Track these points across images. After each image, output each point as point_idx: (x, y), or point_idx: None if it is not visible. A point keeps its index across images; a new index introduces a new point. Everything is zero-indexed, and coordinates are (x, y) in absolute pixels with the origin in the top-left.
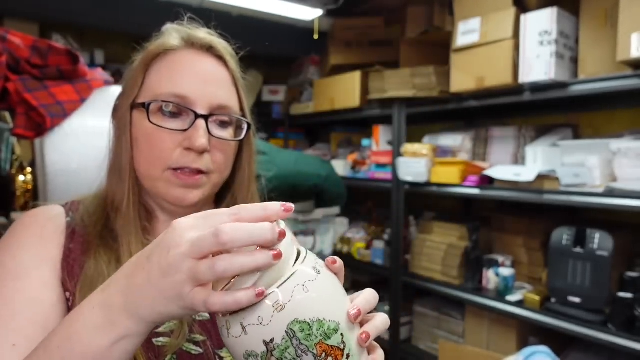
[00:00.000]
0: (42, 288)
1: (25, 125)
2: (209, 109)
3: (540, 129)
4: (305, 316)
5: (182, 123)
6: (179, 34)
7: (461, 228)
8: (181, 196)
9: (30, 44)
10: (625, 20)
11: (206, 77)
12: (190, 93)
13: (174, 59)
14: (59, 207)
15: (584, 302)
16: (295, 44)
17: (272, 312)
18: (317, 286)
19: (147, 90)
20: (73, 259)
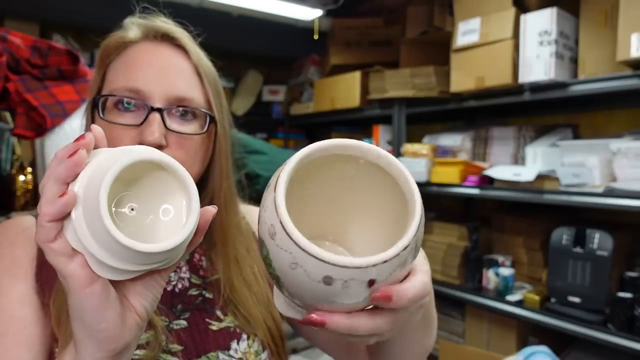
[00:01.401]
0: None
1: (25, 125)
2: (165, 102)
3: (540, 129)
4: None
5: (137, 118)
6: (137, 26)
7: (461, 228)
8: None
9: (30, 44)
10: (625, 21)
11: (163, 68)
12: (145, 86)
13: (131, 52)
14: (29, 219)
15: (583, 302)
16: (295, 44)
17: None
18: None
19: (105, 87)
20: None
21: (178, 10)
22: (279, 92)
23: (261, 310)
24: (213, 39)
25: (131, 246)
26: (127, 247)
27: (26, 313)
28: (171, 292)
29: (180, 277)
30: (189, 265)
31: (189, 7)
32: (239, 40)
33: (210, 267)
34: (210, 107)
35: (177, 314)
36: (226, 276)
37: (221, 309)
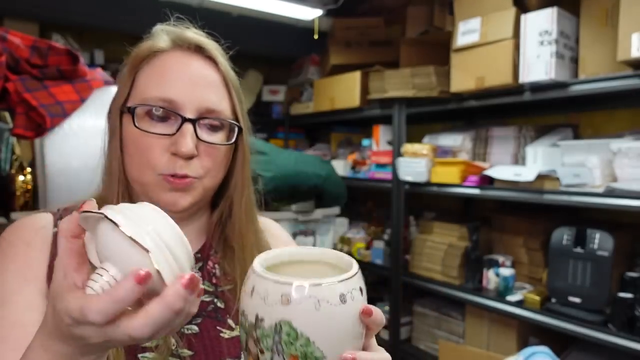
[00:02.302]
0: (25, 311)
1: (25, 125)
2: (197, 113)
3: (541, 129)
4: (300, 327)
5: (169, 127)
6: (168, 35)
7: (461, 228)
8: (172, 200)
9: (30, 44)
10: (626, 20)
11: (195, 79)
12: (178, 97)
13: (163, 61)
14: (48, 216)
15: (584, 302)
16: (295, 44)
17: (278, 299)
18: (330, 312)
19: (136, 94)
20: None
21: (178, 10)
22: (279, 92)
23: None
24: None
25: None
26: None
27: (31, 318)
28: None
29: None
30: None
31: (189, 7)
32: (239, 40)
33: (222, 276)
34: (236, 117)
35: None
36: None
37: (233, 318)
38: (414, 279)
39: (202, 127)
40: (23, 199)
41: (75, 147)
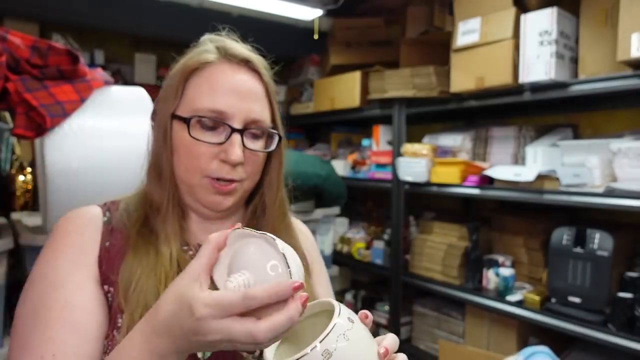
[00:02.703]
0: (77, 294)
1: (25, 125)
2: (243, 123)
3: (541, 129)
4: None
5: (219, 136)
6: (217, 47)
7: (461, 228)
8: (217, 202)
9: (30, 44)
10: (626, 20)
11: (242, 91)
12: (227, 108)
13: (212, 73)
14: (96, 209)
15: (584, 302)
16: (295, 44)
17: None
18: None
19: (186, 102)
20: (114, 253)
21: (178, 10)
22: (278, 92)
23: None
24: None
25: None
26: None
27: (82, 302)
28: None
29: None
30: None
31: (189, 7)
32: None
33: None
34: (275, 125)
35: None
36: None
37: None
38: (414, 278)
39: (247, 136)
40: (23, 199)
41: (76, 147)
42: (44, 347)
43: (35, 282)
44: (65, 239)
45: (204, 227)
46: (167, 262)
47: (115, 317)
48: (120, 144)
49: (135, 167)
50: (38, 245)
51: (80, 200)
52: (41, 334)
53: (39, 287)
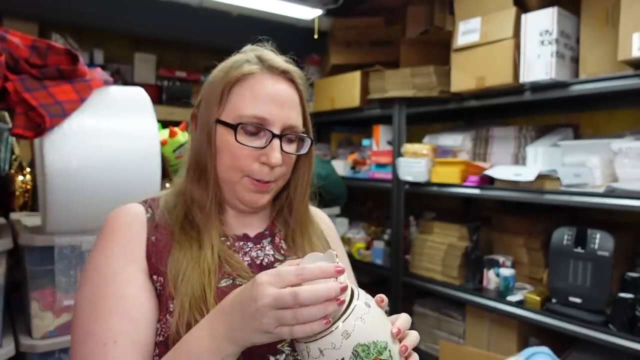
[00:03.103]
0: (128, 287)
1: (24, 125)
2: (281, 129)
3: (541, 129)
4: (365, 340)
5: (260, 141)
6: (259, 60)
7: (461, 228)
8: (255, 200)
9: (29, 44)
10: (627, 20)
11: (281, 100)
12: (269, 115)
13: (254, 83)
14: (139, 206)
15: (584, 302)
16: (295, 44)
17: (342, 340)
18: (370, 317)
19: (230, 108)
20: (161, 247)
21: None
22: None
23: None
24: (213, 39)
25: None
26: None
27: (133, 294)
28: (259, 265)
29: (266, 254)
30: (272, 245)
31: (189, 6)
32: (239, 39)
33: (287, 248)
34: (307, 129)
35: None
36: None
37: None
38: (414, 279)
39: (284, 140)
40: (22, 199)
41: (75, 147)
42: (106, 335)
43: (89, 276)
44: (114, 235)
45: (239, 220)
46: (209, 254)
47: (166, 304)
48: (120, 143)
49: (134, 166)
50: (37, 245)
51: (80, 200)
52: (101, 324)
53: (94, 280)
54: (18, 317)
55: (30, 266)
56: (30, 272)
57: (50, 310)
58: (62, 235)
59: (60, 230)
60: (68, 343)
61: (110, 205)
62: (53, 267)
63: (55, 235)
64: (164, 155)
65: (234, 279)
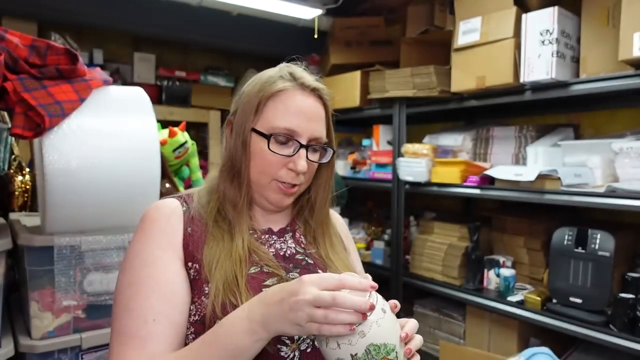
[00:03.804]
0: (166, 271)
1: (23, 125)
2: (308, 140)
3: (542, 129)
4: (378, 341)
5: (289, 149)
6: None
7: (462, 228)
8: (280, 201)
9: (28, 43)
10: (627, 20)
11: (310, 114)
12: (298, 128)
13: (287, 98)
14: (175, 201)
15: (585, 302)
16: (295, 44)
17: (358, 338)
18: (384, 321)
19: (264, 119)
20: (197, 237)
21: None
22: None
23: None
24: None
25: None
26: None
27: (170, 278)
28: (283, 255)
29: (288, 246)
30: (294, 239)
31: (189, 6)
32: (239, 39)
33: (307, 243)
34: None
35: (291, 269)
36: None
37: (320, 269)
38: (414, 279)
39: (309, 149)
40: (22, 199)
41: (74, 147)
42: (146, 313)
43: (130, 260)
44: (153, 225)
45: (266, 217)
46: (240, 246)
47: (201, 287)
48: (120, 143)
49: (134, 166)
50: (36, 245)
51: (80, 200)
52: (141, 302)
53: (134, 265)
54: (17, 318)
55: (30, 266)
56: (30, 273)
57: (50, 311)
58: (62, 236)
59: (60, 231)
60: (68, 343)
61: (109, 205)
62: (52, 268)
63: (54, 236)
64: (163, 155)
65: (261, 267)
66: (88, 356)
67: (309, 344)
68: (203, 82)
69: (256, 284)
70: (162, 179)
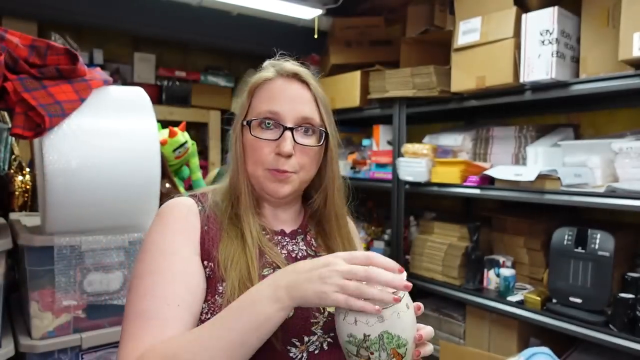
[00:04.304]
0: (186, 262)
1: (23, 125)
2: (294, 122)
3: (542, 129)
4: (393, 331)
5: (275, 134)
6: (273, 67)
7: (462, 228)
8: (275, 189)
9: (28, 44)
10: (627, 20)
11: (293, 97)
12: (281, 110)
13: (270, 86)
14: (190, 199)
15: (585, 302)
16: (295, 43)
17: (376, 321)
18: (405, 316)
19: (251, 111)
20: (212, 235)
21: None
22: None
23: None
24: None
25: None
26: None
27: (190, 269)
28: (295, 257)
29: (300, 249)
30: (305, 242)
31: (189, 6)
32: (239, 39)
33: (318, 246)
34: (324, 125)
35: None
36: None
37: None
38: (414, 279)
39: (298, 133)
40: (22, 199)
41: (74, 147)
42: (169, 297)
43: (148, 250)
44: (171, 219)
45: (275, 214)
46: (251, 244)
47: (215, 286)
48: (120, 143)
49: (134, 166)
50: (37, 245)
51: (80, 200)
52: (164, 288)
53: (153, 254)
54: (17, 318)
55: (30, 266)
56: (30, 273)
57: (50, 311)
58: (62, 236)
59: (60, 231)
60: (67, 343)
61: (109, 205)
62: (52, 268)
63: (54, 236)
64: (163, 155)
65: (274, 269)
66: (88, 356)
67: (318, 346)
68: (203, 82)
69: None
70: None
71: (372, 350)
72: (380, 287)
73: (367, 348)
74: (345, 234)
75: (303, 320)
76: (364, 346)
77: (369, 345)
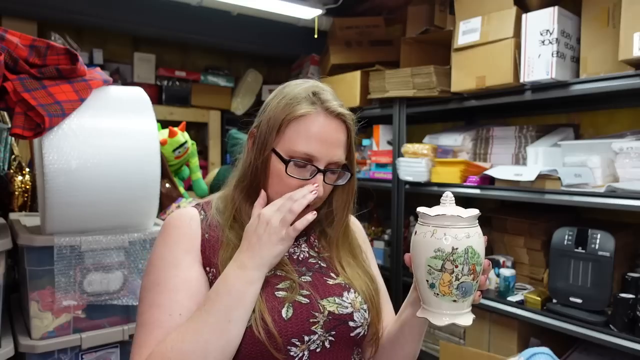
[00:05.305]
0: (189, 271)
1: (23, 125)
2: (326, 165)
3: (542, 129)
4: (477, 248)
5: (306, 173)
6: (318, 100)
7: None
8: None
9: (28, 44)
10: (627, 20)
11: (331, 140)
12: (317, 153)
13: (309, 122)
14: (193, 209)
15: (585, 302)
16: (295, 43)
17: (463, 236)
18: (482, 239)
19: (286, 140)
20: (213, 242)
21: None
22: None
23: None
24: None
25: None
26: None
27: (193, 277)
28: (297, 259)
29: (302, 250)
30: (307, 243)
31: (189, 6)
32: (239, 39)
33: (321, 247)
34: (350, 163)
35: (303, 272)
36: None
37: (334, 272)
38: None
39: (326, 173)
40: (22, 199)
41: (74, 147)
42: (172, 307)
43: (154, 263)
44: (175, 230)
45: None
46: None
47: None
48: (120, 143)
49: (134, 166)
50: (36, 245)
51: (80, 200)
52: (168, 298)
53: (159, 266)
54: (17, 318)
55: (30, 266)
56: (30, 273)
57: (50, 311)
58: (62, 236)
59: (60, 231)
60: (68, 343)
61: (109, 205)
62: (52, 268)
63: (54, 236)
64: (163, 155)
65: (274, 271)
66: (88, 356)
67: (319, 344)
68: (203, 82)
69: (269, 287)
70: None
71: (457, 263)
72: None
73: (453, 261)
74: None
75: (302, 320)
76: (451, 259)
77: (455, 258)
